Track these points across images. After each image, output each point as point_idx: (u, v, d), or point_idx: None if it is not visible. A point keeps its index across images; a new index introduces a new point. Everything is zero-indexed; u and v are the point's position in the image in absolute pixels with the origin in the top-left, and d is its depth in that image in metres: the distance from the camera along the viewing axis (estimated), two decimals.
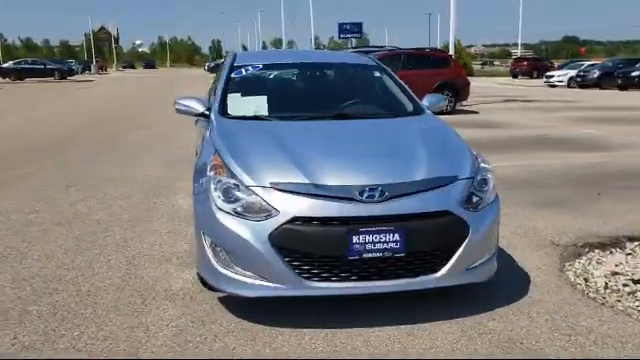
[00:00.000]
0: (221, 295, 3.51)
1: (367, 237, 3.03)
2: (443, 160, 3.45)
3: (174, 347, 3.00)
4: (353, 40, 52.42)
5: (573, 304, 3.55)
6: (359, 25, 53.65)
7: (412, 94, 4.62)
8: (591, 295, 3.72)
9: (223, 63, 5.81)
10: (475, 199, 3.31)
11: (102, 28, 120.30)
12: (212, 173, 3.36)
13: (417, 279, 3.17)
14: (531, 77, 43.93)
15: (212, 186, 3.28)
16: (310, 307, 3.34)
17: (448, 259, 3.20)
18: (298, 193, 3.10)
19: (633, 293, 3.77)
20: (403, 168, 3.29)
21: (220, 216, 3.17)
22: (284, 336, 3.10)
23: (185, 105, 4.34)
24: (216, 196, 3.24)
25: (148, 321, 3.28)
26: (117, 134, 11.74)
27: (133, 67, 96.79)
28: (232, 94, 4.37)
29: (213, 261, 3.25)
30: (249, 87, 4.52)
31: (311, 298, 3.23)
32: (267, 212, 3.09)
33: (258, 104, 4.30)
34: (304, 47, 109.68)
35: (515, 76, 46.21)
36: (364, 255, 3.04)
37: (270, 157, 3.37)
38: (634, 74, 29.06)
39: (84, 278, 3.91)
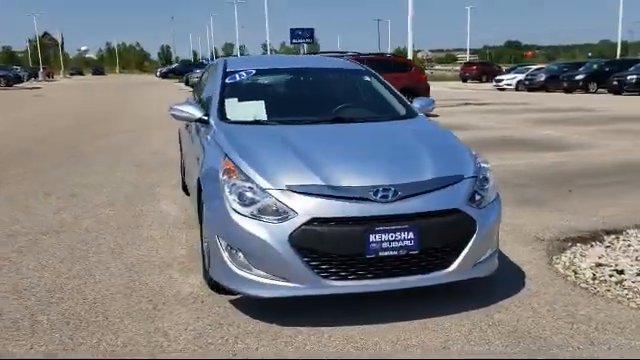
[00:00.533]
0: (232, 298, 3.55)
1: (383, 236, 3.14)
2: (447, 160, 3.59)
3: (197, 349, 3.03)
4: (305, 45, 52.81)
5: (568, 294, 3.75)
6: (311, 30, 53.97)
7: (403, 98, 4.77)
8: (583, 286, 3.93)
9: (209, 69, 5.83)
10: (478, 197, 3.47)
11: (46, 34, 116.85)
12: (225, 177, 3.40)
13: (429, 275, 3.30)
14: (480, 81, 45.21)
15: (226, 190, 3.33)
16: (322, 306, 3.42)
17: (457, 255, 3.34)
18: (315, 194, 3.18)
19: (620, 282, 4.00)
20: (412, 168, 3.42)
21: (237, 219, 3.22)
22: (303, 335, 3.17)
23: (182, 111, 4.36)
24: (232, 199, 3.28)
25: (165, 326, 3.29)
26: (97, 137, 11.49)
27: (81, 74, 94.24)
28: (229, 99, 4.41)
29: (230, 264, 3.29)
30: (245, 92, 4.57)
31: (324, 297, 3.31)
32: (285, 214, 3.16)
33: (256, 109, 4.35)
34: (255, 52, 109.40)
35: (465, 80, 47.48)
36: (380, 253, 3.15)
37: (283, 160, 3.44)
38: (578, 77, 30.46)
39: (87, 286, 3.87)
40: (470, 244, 3.35)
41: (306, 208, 3.14)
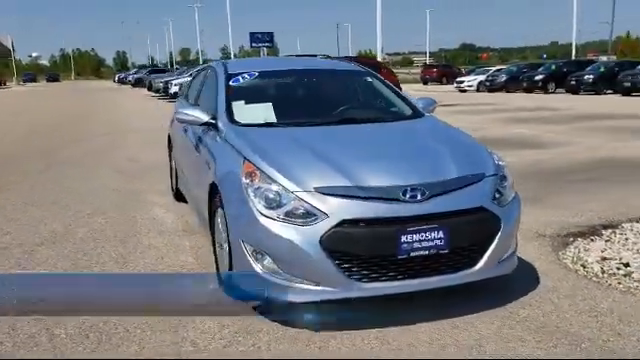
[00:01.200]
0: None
1: (414, 236, 3.12)
2: (468, 159, 3.61)
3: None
4: (265, 49, 52.73)
5: (584, 288, 3.81)
6: (271, 34, 53.92)
7: (408, 98, 4.77)
8: (594, 280, 4.00)
9: (201, 74, 5.68)
10: (499, 195, 3.49)
11: None
12: (247, 180, 3.33)
13: (458, 274, 3.30)
14: (441, 83, 45.85)
15: (251, 193, 3.26)
16: (348, 308, 3.38)
17: (483, 253, 3.35)
18: (343, 196, 3.15)
19: (628, 275, 4.09)
20: (437, 167, 3.42)
21: (265, 222, 3.16)
22: (337, 340, 3.12)
23: (187, 114, 4.26)
24: (257, 203, 3.22)
25: (191, 335, 3.19)
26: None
27: (35, 80, 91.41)
28: (235, 102, 4.32)
29: (257, 269, 3.22)
30: (250, 95, 4.48)
31: (351, 300, 3.27)
32: (314, 216, 3.11)
33: (264, 111, 4.29)
34: (214, 57, 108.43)
35: (425, 82, 48.01)
36: (412, 253, 3.13)
37: (306, 162, 3.39)
38: (537, 78, 31.33)
39: None
40: (495, 242, 3.37)
41: (336, 210, 3.10)
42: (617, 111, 16.96)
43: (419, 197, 3.19)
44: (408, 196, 3.17)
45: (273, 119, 4.22)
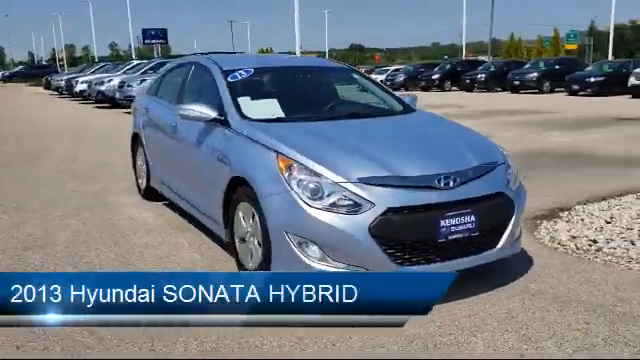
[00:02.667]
0: None
1: (451, 220, 3.39)
2: (480, 149, 3.93)
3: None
4: (159, 46, 51.23)
5: (572, 263, 4.27)
6: (164, 31, 52.67)
7: (393, 92, 5.05)
8: (575, 255, 4.49)
9: (188, 69, 5.43)
10: (507, 182, 3.85)
11: None
12: (286, 174, 3.43)
13: (483, 254, 3.62)
14: None
15: (294, 186, 3.37)
16: None
17: (501, 235, 3.69)
18: (386, 185, 3.35)
19: (600, 250, 4.61)
20: (458, 157, 3.71)
21: (314, 213, 3.29)
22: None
23: (194, 110, 4.24)
24: (302, 194, 3.33)
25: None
26: None
27: None
28: (241, 98, 4.36)
29: (303, 258, 3.34)
30: (252, 91, 4.54)
31: None
32: (359, 205, 3.29)
33: (271, 106, 4.37)
34: (102, 53, 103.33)
35: None
36: (449, 237, 3.40)
37: (341, 154, 3.55)
38: (434, 77, 33.17)
39: None
40: (511, 224, 3.72)
41: (381, 199, 3.30)
42: (516, 107, 18.44)
43: (451, 184, 3.46)
44: (442, 184, 3.44)
45: (281, 114, 4.31)
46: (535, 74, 26.99)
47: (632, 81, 21.86)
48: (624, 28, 53.81)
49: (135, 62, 25.02)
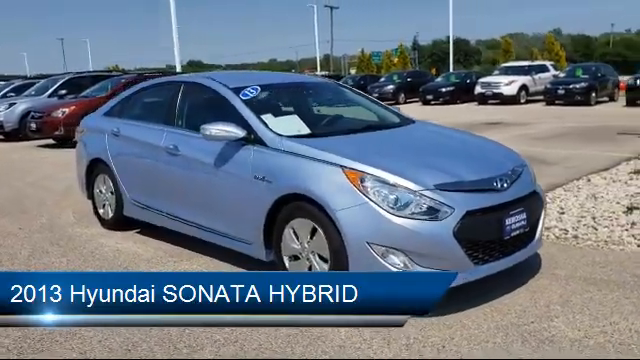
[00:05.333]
0: None
1: (512, 218, 3.72)
2: (504, 153, 4.31)
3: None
4: None
5: (568, 250, 4.79)
6: None
7: (383, 104, 5.30)
8: (563, 244, 5.02)
9: (177, 87, 5.14)
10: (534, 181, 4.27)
11: None
12: (360, 187, 3.50)
13: (527, 249, 3.98)
14: None
15: (373, 197, 3.46)
16: None
17: (535, 230, 4.08)
18: (459, 190, 3.57)
19: (576, 237, 5.22)
20: (496, 162, 4.05)
21: (399, 222, 3.42)
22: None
23: (221, 130, 4.09)
24: (383, 204, 3.43)
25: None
26: None
27: None
28: (264, 115, 4.30)
29: (388, 266, 3.43)
30: (268, 108, 4.49)
31: None
32: (437, 211, 3.47)
33: (294, 123, 4.36)
34: None
35: None
36: (512, 234, 3.71)
37: (404, 164, 3.70)
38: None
39: None
40: (542, 219, 4.14)
41: (459, 203, 3.51)
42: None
43: (505, 186, 3.78)
44: (499, 185, 3.74)
45: (307, 130, 4.32)
46: (391, 86, 28.96)
47: (478, 89, 24.48)
48: (442, 43, 59.78)
49: None
